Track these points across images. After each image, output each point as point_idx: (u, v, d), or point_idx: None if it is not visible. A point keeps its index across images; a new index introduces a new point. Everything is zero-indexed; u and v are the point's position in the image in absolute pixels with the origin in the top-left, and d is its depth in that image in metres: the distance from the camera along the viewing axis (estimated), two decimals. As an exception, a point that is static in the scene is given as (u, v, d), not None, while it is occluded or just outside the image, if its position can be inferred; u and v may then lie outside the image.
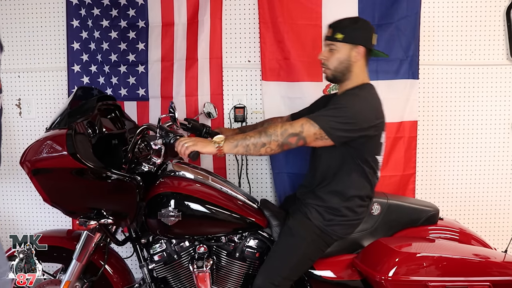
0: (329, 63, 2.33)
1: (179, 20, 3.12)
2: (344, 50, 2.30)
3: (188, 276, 2.40)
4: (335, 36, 2.29)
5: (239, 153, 2.15)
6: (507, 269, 2.12)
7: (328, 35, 2.34)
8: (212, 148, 2.13)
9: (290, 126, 2.14)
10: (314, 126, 2.12)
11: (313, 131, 2.13)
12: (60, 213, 2.61)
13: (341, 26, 2.31)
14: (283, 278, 2.26)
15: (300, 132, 2.12)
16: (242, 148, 2.14)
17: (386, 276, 2.09)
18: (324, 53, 2.36)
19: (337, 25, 2.32)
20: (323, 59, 2.36)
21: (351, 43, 2.29)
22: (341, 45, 2.29)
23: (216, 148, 2.13)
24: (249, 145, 2.13)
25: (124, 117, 2.66)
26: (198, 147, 2.12)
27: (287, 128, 2.14)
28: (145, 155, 2.36)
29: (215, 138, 2.15)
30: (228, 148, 2.14)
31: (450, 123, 3.19)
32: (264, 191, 3.30)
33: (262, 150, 2.14)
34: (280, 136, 2.13)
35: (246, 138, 2.14)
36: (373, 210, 2.39)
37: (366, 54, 2.33)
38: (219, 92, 3.18)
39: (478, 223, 3.26)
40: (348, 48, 2.29)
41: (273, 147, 2.14)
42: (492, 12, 3.08)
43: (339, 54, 2.30)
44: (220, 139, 2.13)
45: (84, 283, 2.40)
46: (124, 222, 2.24)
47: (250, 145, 2.13)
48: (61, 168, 2.07)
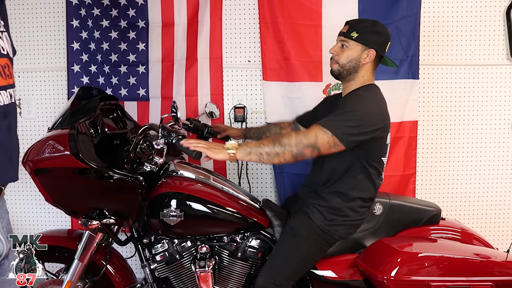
0: (338, 58, 2.33)
1: (179, 20, 3.11)
2: (356, 50, 2.30)
3: (190, 276, 2.39)
4: (350, 34, 2.29)
5: (251, 161, 2.13)
6: (510, 269, 2.12)
7: (343, 31, 2.34)
8: (225, 155, 2.08)
9: (304, 136, 2.10)
10: (327, 133, 2.10)
11: (326, 139, 2.10)
12: (59, 213, 2.60)
13: (358, 25, 2.31)
14: (285, 278, 2.26)
15: (314, 142, 2.09)
16: (255, 156, 2.09)
17: (388, 276, 2.09)
18: (335, 47, 2.36)
19: (355, 23, 2.33)
20: (333, 53, 2.36)
21: (364, 45, 2.29)
22: (354, 44, 2.29)
23: (228, 155, 2.08)
24: (263, 154, 2.09)
25: (126, 117, 2.66)
26: (210, 153, 2.08)
27: (301, 138, 2.10)
28: (147, 155, 2.35)
29: (227, 144, 2.10)
30: (241, 155, 2.09)
31: (450, 123, 3.19)
32: (264, 191, 3.30)
33: (276, 159, 2.10)
34: (295, 147, 2.08)
35: (260, 146, 2.10)
36: (375, 210, 2.39)
37: (376, 59, 2.33)
38: (219, 92, 3.18)
39: (478, 223, 3.27)
40: (360, 49, 2.29)
41: (287, 158, 2.09)
42: (492, 12, 3.09)
43: (350, 52, 2.30)
44: (233, 146, 2.08)
45: (86, 283, 2.40)
46: (126, 222, 2.23)
47: (264, 153, 2.09)
48: (64, 168, 2.07)
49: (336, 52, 2.35)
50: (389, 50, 2.99)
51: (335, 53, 2.35)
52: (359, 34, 2.28)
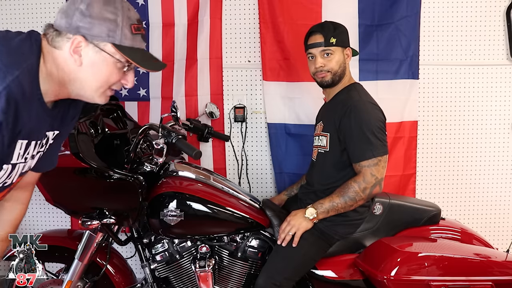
0: (329, 67, 2.36)
1: (180, 21, 3.11)
2: (339, 53, 2.37)
3: (190, 276, 2.40)
4: (329, 41, 2.33)
5: (331, 215, 2.29)
6: (509, 269, 2.12)
7: (319, 41, 2.35)
8: (310, 223, 2.28)
9: (364, 181, 2.21)
10: (375, 164, 2.21)
11: (379, 167, 2.22)
12: (59, 213, 2.60)
13: (329, 30, 2.35)
14: (285, 278, 2.26)
15: (376, 180, 2.22)
16: (333, 211, 2.26)
17: (388, 275, 2.09)
18: (320, 60, 2.37)
19: (325, 30, 2.36)
20: (321, 66, 2.37)
21: (342, 46, 2.37)
22: (336, 48, 2.35)
23: (312, 222, 2.28)
24: (339, 208, 2.25)
25: (126, 117, 2.65)
26: (301, 230, 2.27)
27: (364, 186, 2.21)
28: (147, 155, 2.36)
29: (307, 214, 2.26)
30: (322, 216, 2.27)
31: (450, 123, 3.19)
32: (264, 191, 3.30)
33: (352, 207, 2.26)
34: (363, 194, 2.22)
35: (332, 202, 2.25)
36: (375, 209, 2.39)
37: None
38: (219, 92, 3.18)
39: (478, 223, 3.27)
40: (341, 50, 2.38)
41: (361, 203, 2.26)
42: (492, 12, 3.09)
43: (337, 57, 2.36)
44: (312, 213, 2.26)
45: (86, 283, 2.40)
46: (127, 221, 2.23)
47: (340, 208, 2.25)
48: (64, 168, 2.06)
49: (323, 64, 2.36)
50: (389, 50, 3.02)
51: (323, 64, 2.37)
52: (336, 38, 2.34)
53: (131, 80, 1.47)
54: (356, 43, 3.00)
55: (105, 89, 1.44)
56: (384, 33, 3.04)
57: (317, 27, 2.40)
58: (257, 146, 3.25)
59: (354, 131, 2.23)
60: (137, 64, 1.40)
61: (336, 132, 2.31)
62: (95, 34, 1.34)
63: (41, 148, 1.51)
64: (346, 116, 2.26)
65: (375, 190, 2.22)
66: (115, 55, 1.38)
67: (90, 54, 1.36)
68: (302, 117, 3.12)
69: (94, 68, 1.38)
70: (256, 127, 3.24)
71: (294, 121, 3.14)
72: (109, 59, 1.38)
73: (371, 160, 2.20)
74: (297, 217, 2.28)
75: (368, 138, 2.20)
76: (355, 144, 2.24)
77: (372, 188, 2.21)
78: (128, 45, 1.38)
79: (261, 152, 3.26)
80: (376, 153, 2.20)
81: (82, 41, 1.33)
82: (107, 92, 1.46)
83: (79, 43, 1.34)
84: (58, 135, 1.58)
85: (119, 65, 1.40)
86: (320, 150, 2.41)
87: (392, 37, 3.05)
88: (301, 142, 3.13)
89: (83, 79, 1.39)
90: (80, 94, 1.44)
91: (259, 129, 3.24)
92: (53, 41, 1.35)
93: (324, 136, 2.38)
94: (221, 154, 3.24)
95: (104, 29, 1.34)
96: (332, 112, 2.36)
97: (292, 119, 3.15)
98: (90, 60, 1.36)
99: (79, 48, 1.34)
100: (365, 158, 2.21)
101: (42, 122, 1.41)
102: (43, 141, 1.50)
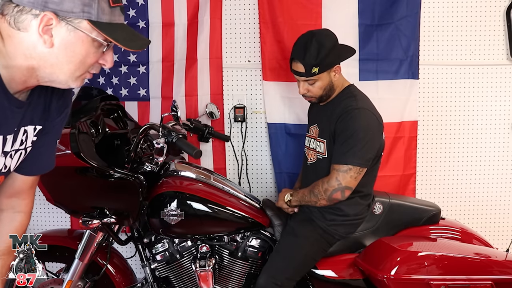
0: (312, 94, 2.37)
1: (180, 21, 3.10)
2: (324, 77, 2.32)
3: (190, 275, 2.40)
4: (311, 71, 2.28)
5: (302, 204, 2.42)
6: (509, 268, 2.13)
7: (301, 72, 2.31)
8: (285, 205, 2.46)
9: (328, 184, 2.24)
10: (345, 171, 2.21)
11: (348, 175, 2.20)
12: (59, 212, 2.59)
13: (311, 58, 2.27)
14: (286, 278, 2.27)
15: (339, 186, 2.21)
16: (304, 203, 2.37)
17: (388, 274, 2.10)
18: (303, 88, 2.37)
19: (306, 59, 2.28)
20: (304, 93, 2.38)
21: (328, 69, 2.31)
22: (319, 75, 2.30)
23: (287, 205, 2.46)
24: (307, 202, 2.34)
25: (126, 117, 2.66)
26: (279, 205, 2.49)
27: (326, 187, 2.24)
28: (148, 155, 2.36)
29: (286, 197, 2.45)
30: (295, 204, 2.42)
31: (450, 123, 3.19)
32: (264, 191, 3.30)
33: (317, 204, 2.31)
34: (324, 195, 2.25)
35: (304, 195, 2.36)
36: (375, 209, 2.39)
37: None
38: (219, 92, 3.18)
39: (478, 223, 3.26)
40: (327, 73, 2.32)
41: (323, 203, 2.28)
42: (492, 12, 3.08)
43: (321, 83, 2.33)
44: (288, 198, 2.44)
45: (86, 282, 2.40)
46: (127, 221, 2.23)
47: (307, 201, 2.34)
48: (65, 167, 2.06)
49: (307, 90, 2.36)
50: (389, 50, 3.02)
51: (307, 91, 2.36)
52: (319, 66, 2.27)
53: (110, 59, 1.28)
54: (356, 43, 3.00)
55: (82, 73, 1.25)
56: (384, 33, 3.03)
57: (299, 54, 2.31)
58: (257, 146, 3.25)
59: (341, 135, 2.24)
60: (118, 44, 1.19)
61: (332, 140, 2.31)
62: (67, 10, 1.12)
63: (20, 145, 1.34)
64: (339, 121, 2.26)
65: (336, 195, 2.22)
66: (91, 34, 1.17)
67: (62, 34, 1.15)
68: (302, 117, 3.11)
69: (68, 49, 1.18)
70: (256, 127, 3.24)
71: (294, 121, 3.14)
72: (85, 38, 1.18)
73: (341, 166, 2.21)
74: (279, 196, 2.50)
75: (349, 145, 2.20)
76: (337, 147, 2.26)
77: (333, 192, 2.22)
78: (106, 21, 1.17)
79: (261, 152, 3.26)
80: (349, 161, 2.19)
81: (53, 18, 1.12)
82: (86, 75, 1.28)
83: (49, 21, 1.12)
84: (42, 131, 1.40)
85: (97, 44, 1.21)
86: (319, 156, 2.41)
87: (392, 37, 3.04)
88: (301, 142, 3.09)
89: (55, 63, 1.20)
90: (52, 79, 1.24)
91: (259, 129, 3.24)
92: (17, 22, 1.13)
93: (321, 142, 2.39)
94: (221, 154, 3.24)
95: (78, 2, 1.13)
96: (328, 118, 2.36)
97: (292, 119, 3.15)
98: (62, 40, 1.16)
99: (49, 27, 1.13)
100: (338, 162, 2.22)
101: (9, 114, 1.22)
102: (22, 137, 1.32)
